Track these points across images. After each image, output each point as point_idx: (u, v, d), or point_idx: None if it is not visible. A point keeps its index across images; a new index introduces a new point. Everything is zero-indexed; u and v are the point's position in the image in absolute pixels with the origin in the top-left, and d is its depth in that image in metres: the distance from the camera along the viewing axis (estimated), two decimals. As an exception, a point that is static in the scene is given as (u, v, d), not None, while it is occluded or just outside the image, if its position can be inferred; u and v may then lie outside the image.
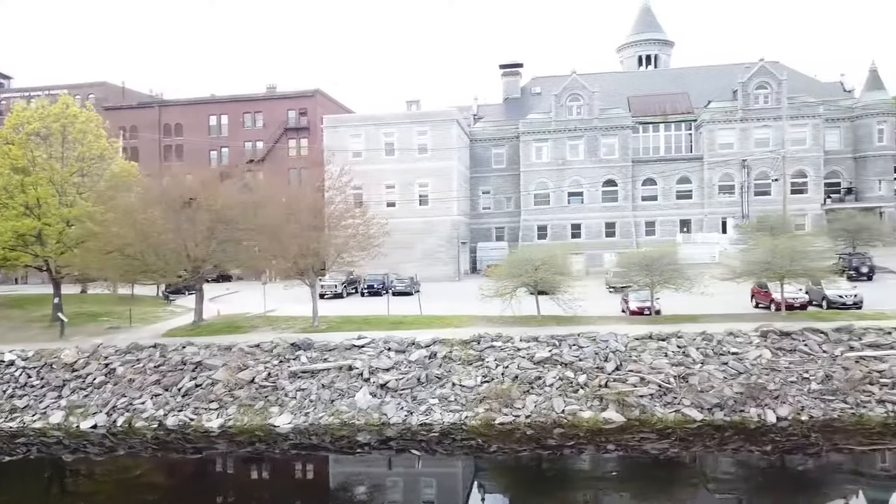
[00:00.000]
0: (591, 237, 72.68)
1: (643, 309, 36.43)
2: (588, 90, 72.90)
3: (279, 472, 25.60)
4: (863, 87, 72.43)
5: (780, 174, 63.18)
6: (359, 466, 25.63)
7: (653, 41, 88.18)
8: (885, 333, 29.45)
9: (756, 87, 70.90)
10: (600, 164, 72.84)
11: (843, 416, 25.62)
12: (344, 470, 25.76)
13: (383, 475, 24.85)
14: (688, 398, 26.50)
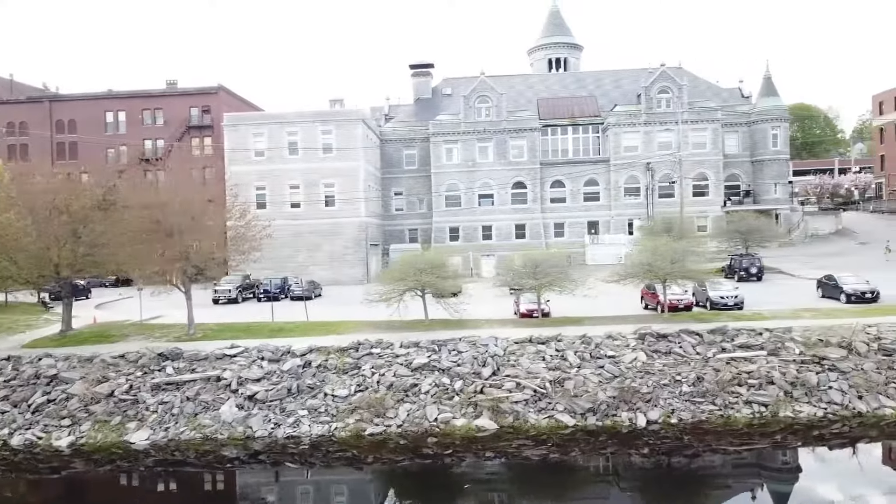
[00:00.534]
0: (501, 239, 72.74)
1: (532, 311, 36.21)
2: (496, 92, 72.96)
3: (138, 492, 23.95)
4: (758, 93, 75.14)
5: (679, 177, 64.59)
6: (230, 482, 24.30)
7: (562, 45, 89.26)
8: (756, 334, 30.03)
9: (658, 91, 72.55)
10: (509, 166, 73.02)
11: (711, 417, 25.79)
12: (210, 488, 24.33)
13: (253, 490, 23.65)
14: (562, 403, 26.17)
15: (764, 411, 25.88)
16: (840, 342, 28.78)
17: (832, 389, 26.48)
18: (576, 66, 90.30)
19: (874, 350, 28.50)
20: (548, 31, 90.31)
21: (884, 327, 30.42)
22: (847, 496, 21.26)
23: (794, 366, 27.63)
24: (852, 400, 26.06)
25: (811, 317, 33.73)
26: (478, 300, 40.30)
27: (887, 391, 26.38)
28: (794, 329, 30.36)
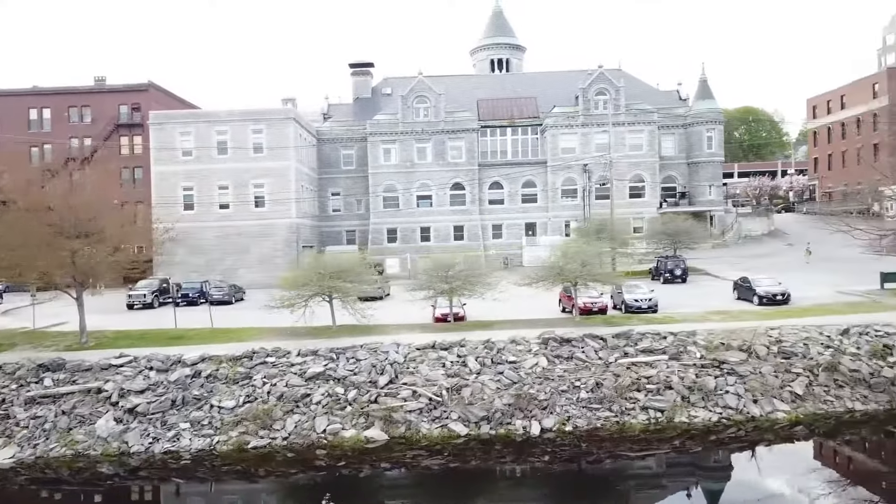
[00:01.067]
0: (440, 240, 71.96)
1: (446, 315, 35.48)
2: (434, 92, 72.19)
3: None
4: (694, 96, 75.84)
5: (610, 178, 64.66)
6: (107, 501, 23.02)
7: (504, 45, 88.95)
8: (661, 338, 29.76)
9: (596, 93, 72.63)
10: (448, 166, 72.31)
11: (606, 424, 25.35)
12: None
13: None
14: (456, 412, 25.43)
15: (660, 417, 25.54)
16: (741, 346, 28.66)
17: (728, 394, 26.30)
18: (518, 67, 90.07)
19: (774, 353, 28.45)
20: (490, 31, 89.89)
21: (786, 330, 30.45)
22: (745, 500, 21.12)
23: (693, 370, 27.39)
24: (747, 404, 25.90)
25: (720, 319, 33.70)
26: (404, 303, 39.19)
27: (782, 395, 26.30)
28: (698, 333, 30.19)
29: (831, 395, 26.50)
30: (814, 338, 29.67)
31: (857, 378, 27.13)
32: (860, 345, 29.04)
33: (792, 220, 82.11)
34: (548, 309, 38.15)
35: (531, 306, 37.63)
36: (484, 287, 34.14)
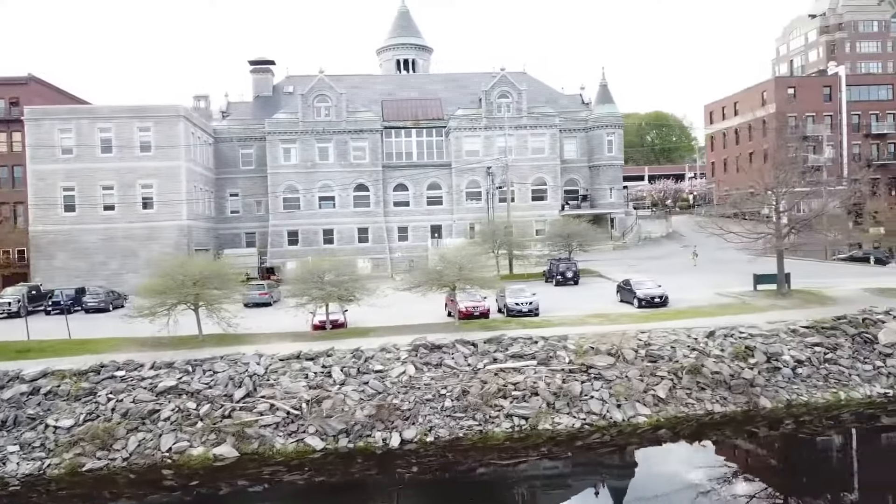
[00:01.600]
0: (343, 243, 70.49)
1: (323, 323, 34.28)
2: (336, 91, 70.68)
3: None
4: (595, 100, 77.15)
5: (503, 182, 64.78)
6: None
7: (410, 46, 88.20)
8: (532, 343, 29.52)
9: (498, 96, 72.84)
10: (351, 167, 70.93)
11: (469, 433, 24.81)
12: None
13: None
14: (314, 425, 24.32)
15: (524, 424, 25.20)
16: (610, 350, 28.74)
17: (593, 399, 26.24)
18: (425, 67, 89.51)
19: (641, 357, 28.66)
20: (396, 31, 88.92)
21: (656, 333, 30.80)
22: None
23: (560, 375, 27.24)
24: (611, 409, 25.90)
25: (598, 323, 33.85)
26: (291, 310, 37.36)
27: (645, 399, 26.44)
28: (570, 337, 30.13)
29: (693, 398, 26.85)
30: (682, 340, 30.11)
31: (719, 380, 27.62)
32: (724, 347, 29.63)
33: (690, 223, 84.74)
34: (437, 314, 37.50)
35: (420, 311, 36.84)
36: (362, 292, 33.12)
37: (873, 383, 28.50)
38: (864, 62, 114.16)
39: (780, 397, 27.23)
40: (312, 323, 34.78)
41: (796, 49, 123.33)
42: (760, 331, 31.04)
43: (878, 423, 26.63)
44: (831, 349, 30.07)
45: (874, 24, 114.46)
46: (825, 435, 25.93)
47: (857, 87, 79.53)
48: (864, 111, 79.05)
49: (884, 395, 28.02)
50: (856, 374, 28.85)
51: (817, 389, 27.88)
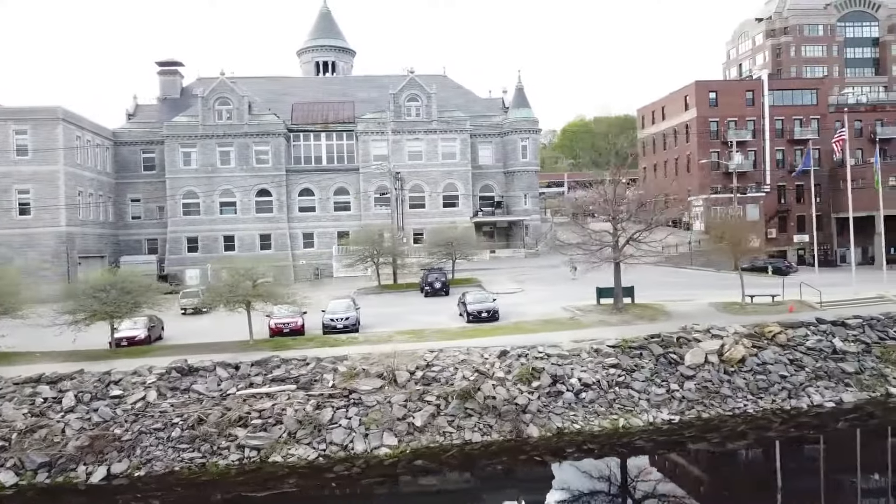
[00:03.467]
0: (244, 249, 68.28)
1: (132, 338, 32.23)
2: (237, 94, 68.66)
3: None
4: (511, 104, 75.31)
5: (390, 188, 62.79)
6: None
7: (330, 48, 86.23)
8: (303, 365, 27.55)
9: (407, 99, 70.98)
10: (253, 172, 68.85)
11: (188, 466, 22.75)
12: None
13: None
14: (14, 458, 22.23)
15: (254, 456, 23.18)
16: (382, 372, 26.75)
17: (340, 427, 24.26)
18: (346, 70, 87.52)
19: (416, 380, 26.69)
20: (316, 33, 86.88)
21: (447, 353, 28.89)
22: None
23: (316, 401, 25.24)
24: (356, 439, 23.93)
25: (406, 339, 31.84)
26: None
27: (397, 428, 24.44)
28: (350, 357, 28.13)
29: (453, 426, 24.87)
30: (471, 361, 28.17)
31: (490, 406, 25.66)
32: (512, 368, 27.70)
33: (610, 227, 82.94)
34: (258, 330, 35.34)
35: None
36: (152, 305, 31.10)
37: (661, 409, 26.58)
38: (810, 66, 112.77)
39: (551, 425, 25.27)
40: (115, 340, 32.56)
41: (745, 53, 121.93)
42: (561, 350, 29.11)
43: (641, 453, 24.63)
44: (628, 371, 28.16)
45: (819, 28, 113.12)
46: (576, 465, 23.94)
47: (781, 91, 77.78)
48: (787, 116, 77.37)
49: (668, 421, 26.09)
50: (645, 399, 26.94)
51: (597, 416, 25.93)
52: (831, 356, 30.36)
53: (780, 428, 26.16)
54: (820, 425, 26.58)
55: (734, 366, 28.95)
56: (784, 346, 30.57)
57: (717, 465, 24.65)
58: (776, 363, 29.31)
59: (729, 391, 27.71)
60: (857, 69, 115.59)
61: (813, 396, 28.02)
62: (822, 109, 77.93)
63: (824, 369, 29.58)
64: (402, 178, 70.54)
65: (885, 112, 78.37)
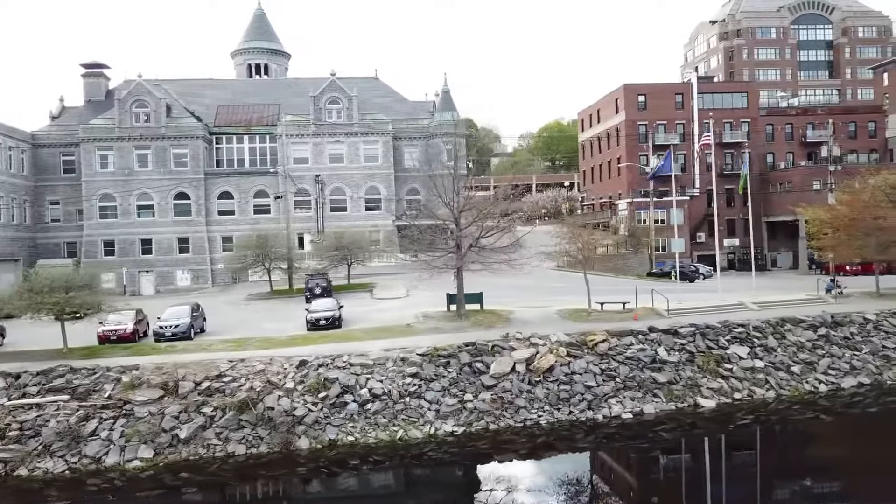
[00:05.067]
0: (162, 253, 68.00)
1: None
2: (155, 96, 68.17)
3: None
4: (437, 107, 74.81)
5: (285, 191, 62.15)
6: None
7: (263, 50, 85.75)
8: (90, 374, 27.00)
9: (328, 101, 70.58)
10: (171, 175, 68.36)
11: None
12: None
13: None
14: None
15: (0, 469, 22.64)
16: (166, 382, 26.21)
17: (97, 440, 23.71)
18: (280, 73, 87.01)
19: (200, 390, 26.15)
20: (250, 35, 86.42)
21: (249, 362, 28.30)
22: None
23: (84, 412, 24.75)
24: (110, 452, 23.39)
25: (258, 346, 31.15)
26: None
27: (159, 440, 23.91)
28: (143, 367, 27.53)
29: (220, 438, 24.35)
30: (270, 370, 27.66)
31: (267, 417, 25.12)
32: (307, 378, 27.15)
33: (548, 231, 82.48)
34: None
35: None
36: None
37: (448, 420, 26.05)
38: (763, 69, 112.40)
39: (324, 437, 24.73)
40: None
41: (701, 55, 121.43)
42: (367, 360, 28.54)
43: (400, 467, 24.08)
44: (427, 381, 27.62)
45: (772, 31, 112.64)
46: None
47: (711, 94, 77.24)
48: (717, 119, 76.72)
49: (451, 433, 25.53)
50: (434, 410, 26.39)
51: (376, 428, 25.39)
52: (649, 366, 29.77)
53: (566, 440, 25.57)
54: (605, 438, 25.89)
55: (540, 375, 28.39)
56: (602, 356, 29.99)
57: (467, 481, 23.70)
58: (585, 373, 28.73)
59: (525, 402, 27.13)
60: (810, 72, 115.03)
61: (613, 408, 27.44)
62: (753, 113, 77.44)
63: (636, 379, 29.00)
64: (323, 180, 70.19)
65: (815, 115, 77.78)
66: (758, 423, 27.38)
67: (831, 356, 32.09)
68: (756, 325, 33.51)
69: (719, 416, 27.58)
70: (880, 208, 42.27)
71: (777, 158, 77.83)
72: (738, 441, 26.85)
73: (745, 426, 27.06)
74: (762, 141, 77.65)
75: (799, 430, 27.45)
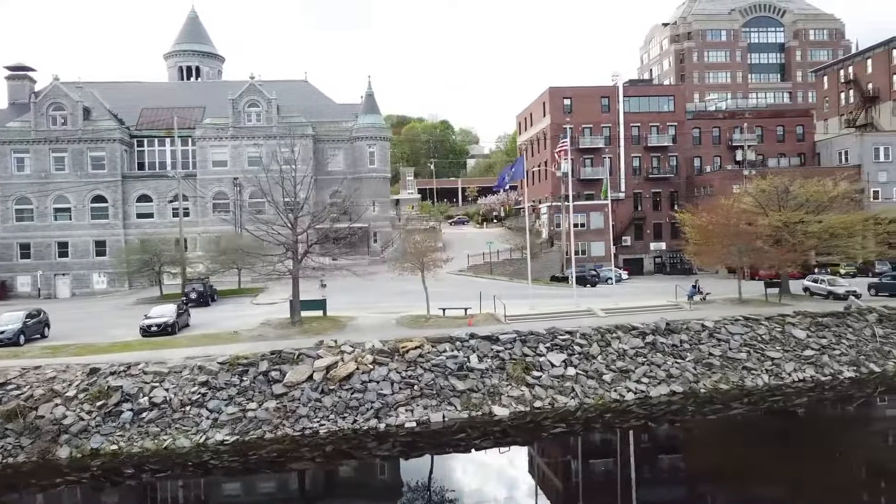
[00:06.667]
0: (78, 256, 67.99)
1: None
2: (72, 99, 68.13)
3: None
4: (360, 110, 74.68)
5: (179, 194, 61.80)
6: None
7: (194, 52, 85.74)
8: None
9: (248, 104, 70.52)
10: (88, 178, 68.34)
11: None
12: None
13: None
14: None
15: None
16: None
17: None
18: (213, 75, 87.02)
19: (-23, 398, 25.99)
20: (182, 37, 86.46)
21: (44, 371, 28.03)
22: None
23: None
24: None
25: (73, 353, 30.96)
26: None
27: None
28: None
29: (-23, 448, 24.16)
30: (63, 378, 27.46)
31: (35, 426, 24.98)
32: (91, 386, 26.99)
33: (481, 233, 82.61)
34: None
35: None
36: None
37: (222, 429, 25.87)
38: (713, 71, 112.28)
39: (86, 446, 24.57)
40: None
41: (655, 58, 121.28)
42: (165, 367, 28.39)
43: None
44: (216, 389, 27.45)
45: (722, 34, 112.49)
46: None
47: (638, 98, 77.04)
48: (643, 123, 76.63)
49: (222, 442, 25.36)
50: (213, 419, 26.22)
51: (146, 436, 25.22)
52: (455, 373, 29.56)
53: (335, 449, 25.29)
54: (373, 448, 25.58)
55: (337, 384, 28.21)
56: (410, 363, 29.79)
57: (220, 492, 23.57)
58: (383, 381, 28.52)
59: (309, 411, 26.94)
60: (762, 74, 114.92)
61: (401, 416, 27.25)
62: (680, 116, 77.23)
63: (436, 387, 28.80)
64: (241, 183, 69.99)
65: (743, 119, 77.56)
66: (529, 432, 26.89)
67: (651, 364, 31.84)
68: (585, 331, 33.29)
69: (509, 426, 27.31)
70: (745, 214, 42.15)
71: (704, 162, 77.60)
72: (482, 457, 25.73)
73: (514, 438, 26.59)
74: (689, 144, 77.45)
75: (554, 443, 26.75)
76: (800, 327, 35.74)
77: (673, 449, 27.38)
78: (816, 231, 40.42)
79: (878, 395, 32.47)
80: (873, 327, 36.56)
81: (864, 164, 69.44)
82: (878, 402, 32.57)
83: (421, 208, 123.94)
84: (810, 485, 22.50)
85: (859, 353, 34.67)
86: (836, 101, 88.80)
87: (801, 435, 28.11)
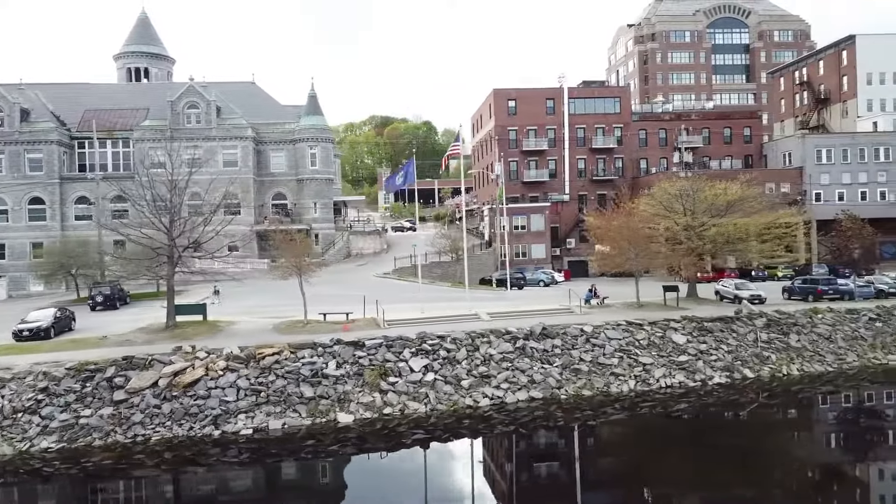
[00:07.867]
0: (15, 258, 67.76)
1: None
2: (9, 101, 67.92)
3: None
4: (303, 112, 74.42)
5: (97, 197, 61.51)
6: None
7: (143, 54, 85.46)
8: None
9: (187, 106, 70.30)
10: (25, 179, 68.17)
11: None
12: None
13: None
14: None
15: None
16: None
17: None
18: (162, 77, 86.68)
19: None
20: (132, 38, 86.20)
21: None
22: None
23: None
24: None
25: None
26: None
27: None
28: None
29: None
30: None
31: None
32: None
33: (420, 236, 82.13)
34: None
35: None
36: None
37: (50, 436, 25.61)
38: (677, 72, 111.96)
39: None
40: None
41: (621, 59, 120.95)
42: (9, 373, 28.13)
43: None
44: (55, 396, 27.15)
45: (686, 35, 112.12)
46: None
47: (583, 99, 76.72)
48: (589, 125, 76.31)
49: (47, 449, 25.08)
50: (42, 427, 25.96)
51: (-29, 443, 24.97)
52: (309, 379, 29.24)
53: (176, 456, 25.04)
54: (213, 454, 25.40)
55: (181, 389, 27.91)
56: (264, 369, 29.49)
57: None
58: (229, 388, 28.20)
59: (145, 418, 26.63)
60: (727, 76, 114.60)
61: (238, 423, 26.94)
62: (626, 118, 76.92)
63: (284, 394, 28.48)
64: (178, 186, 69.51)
65: (689, 121, 77.18)
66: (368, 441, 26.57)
67: (515, 370, 31.49)
68: (457, 336, 32.96)
69: (349, 433, 26.96)
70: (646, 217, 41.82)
71: (650, 163, 77.30)
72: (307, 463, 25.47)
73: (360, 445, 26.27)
74: (635, 146, 77.10)
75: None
76: (681, 332, 35.37)
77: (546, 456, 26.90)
78: (711, 235, 40.10)
79: (751, 400, 31.76)
80: (758, 332, 36.17)
81: (807, 167, 69.08)
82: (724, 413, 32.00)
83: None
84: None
85: (736, 358, 34.29)
86: (791, 102, 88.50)
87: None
